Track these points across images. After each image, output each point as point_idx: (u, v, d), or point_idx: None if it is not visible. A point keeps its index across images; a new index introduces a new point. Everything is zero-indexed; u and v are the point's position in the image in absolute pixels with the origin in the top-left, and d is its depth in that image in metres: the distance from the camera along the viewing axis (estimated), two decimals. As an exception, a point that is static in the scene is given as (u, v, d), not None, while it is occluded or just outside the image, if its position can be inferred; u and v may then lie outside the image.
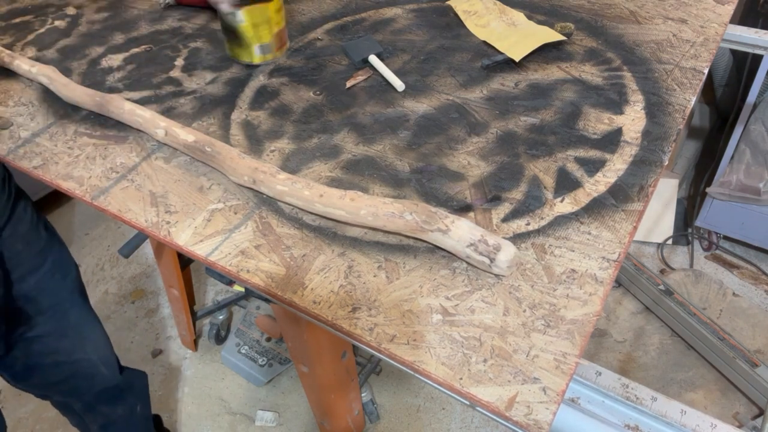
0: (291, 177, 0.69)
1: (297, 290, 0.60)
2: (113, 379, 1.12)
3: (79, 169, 0.77)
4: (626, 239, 0.62)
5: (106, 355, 1.10)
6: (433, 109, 0.82)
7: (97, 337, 1.08)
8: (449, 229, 0.60)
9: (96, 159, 0.79)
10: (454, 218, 0.60)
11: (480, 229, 0.59)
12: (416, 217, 0.61)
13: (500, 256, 0.57)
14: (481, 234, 0.58)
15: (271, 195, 0.70)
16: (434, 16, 1.01)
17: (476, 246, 0.58)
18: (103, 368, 1.09)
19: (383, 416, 1.53)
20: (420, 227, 0.61)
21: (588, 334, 0.54)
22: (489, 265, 0.58)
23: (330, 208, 0.65)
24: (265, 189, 0.70)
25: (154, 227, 0.68)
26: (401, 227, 0.62)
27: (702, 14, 0.94)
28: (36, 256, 0.95)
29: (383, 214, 0.63)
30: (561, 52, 0.90)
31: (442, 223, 0.60)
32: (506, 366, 0.52)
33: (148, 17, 1.09)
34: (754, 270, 1.83)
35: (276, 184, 0.68)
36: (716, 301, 1.71)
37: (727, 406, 1.48)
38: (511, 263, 0.58)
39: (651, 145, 0.73)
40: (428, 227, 0.60)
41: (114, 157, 0.79)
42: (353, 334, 0.56)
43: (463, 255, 0.60)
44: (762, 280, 1.79)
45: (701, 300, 1.71)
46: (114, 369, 1.12)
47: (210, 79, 0.91)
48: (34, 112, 0.88)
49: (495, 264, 0.58)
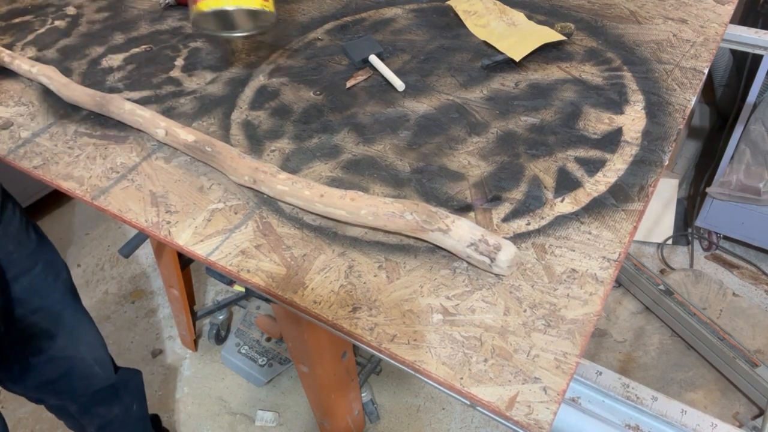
0: (291, 177, 0.69)
1: (297, 290, 0.60)
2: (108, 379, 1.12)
3: (79, 169, 0.77)
4: (626, 239, 0.62)
5: (100, 355, 1.10)
6: (434, 109, 0.82)
7: (91, 338, 1.09)
8: (450, 228, 0.60)
9: (96, 159, 0.79)
10: (455, 218, 0.60)
11: (480, 228, 0.59)
12: (417, 217, 0.61)
13: (501, 256, 0.57)
14: (481, 234, 0.58)
15: (272, 195, 0.70)
16: (434, 16, 1.01)
17: (477, 246, 0.58)
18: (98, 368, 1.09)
19: (383, 416, 1.53)
20: (420, 227, 0.61)
21: (588, 333, 0.54)
22: (489, 264, 0.58)
23: (330, 208, 0.65)
24: (265, 189, 0.70)
25: (155, 227, 0.68)
26: (402, 227, 0.62)
27: (702, 14, 0.94)
28: (27, 258, 0.95)
29: (384, 213, 0.62)
30: (561, 52, 0.90)
31: (442, 222, 0.60)
32: (507, 366, 0.52)
33: (148, 17, 1.09)
34: (754, 270, 1.83)
35: (276, 183, 0.68)
36: (716, 301, 1.71)
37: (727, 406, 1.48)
38: (511, 263, 0.58)
39: (651, 145, 0.73)
40: (429, 227, 0.60)
41: (114, 157, 0.79)
42: (353, 334, 0.56)
43: (464, 255, 0.60)
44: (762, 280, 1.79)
45: (701, 300, 1.71)
46: (109, 369, 1.12)
47: (210, 79, 0.91)
48: (34, 112, 0.88)
49: (495, 264, 0.58)
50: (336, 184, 0.71)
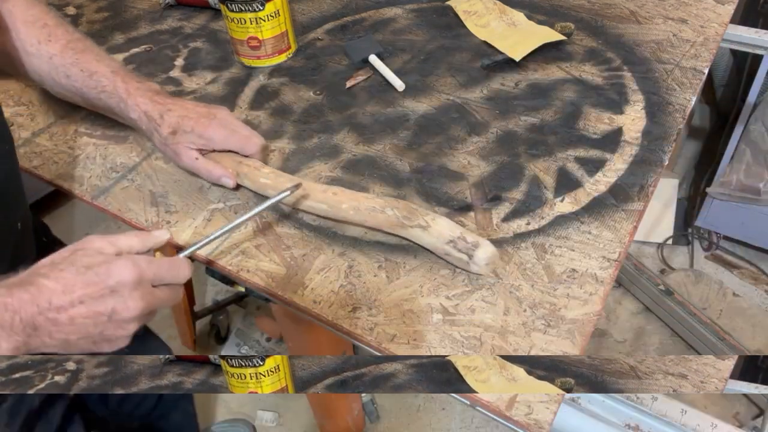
0: (275, 171, 0.69)
1: (297, 290, 0.60)
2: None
3: (79, 169, 0.77)
4: (626, 239, 0.62)
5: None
6: (433, 109, 0.82)
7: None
8: (429, 225, 0.60)
9: (96, 159, 0.79)
10: (435, 215, 0.61)
11: (459, 227, 0.60)
12: (397, 213, 0.61)
13: (478, 254, 0.57)
14: (460, 231, 0.59)
15: (254, 189, 0.70)
16: (434, 16, 1.01)
17: (455, 243, 0.58)
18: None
19: (383, 416, 1.53)
20: (401, 223, 0.61)
21: (588, 333, 0.54)
22: (467, 262, 0.58)
23: (312, 202, 0.65)
24: (248, 183, 0.70)
25: (155, 227, 0.68)
26: (382, 222, 0.62)
27: (702, 14, 0.94)
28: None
29: (365, 208, 0.63)
30: (561, 52, 0.90)
31: (422, 219, 0.60)
32: (507, 366, 0.52)
33: (148, 17, 1.09)
34: (754, 270, 1.83)
35: (260, 177, 0.68)
36: (716, 301, 1.71)
37: (727, 406, 1.48)
38: (489, 261, 0.58)
39: (651, 145, 0.73)
40: (408, 223, 0.61)
41: (114, 157, 0.79)
42: (353, 334, 0.56)
43: (442, 252, 0.60)
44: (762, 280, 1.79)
45: (701, 300, 1.71)
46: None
47: (210, 79, 0.91)
48: (34, 112, 0.88)
49: (473, 261, 0.57)
50: (336, 184, 0.71)
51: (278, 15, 0.86)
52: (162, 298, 0.53)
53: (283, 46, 0.91)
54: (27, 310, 0.46)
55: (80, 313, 0.47)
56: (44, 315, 0.46)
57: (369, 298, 0.59)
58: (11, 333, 0.45)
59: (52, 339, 0.48)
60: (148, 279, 0.51)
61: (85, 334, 0.48)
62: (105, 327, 0.49)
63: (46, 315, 0.47)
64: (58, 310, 0.47)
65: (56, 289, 0.47)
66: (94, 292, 0.48)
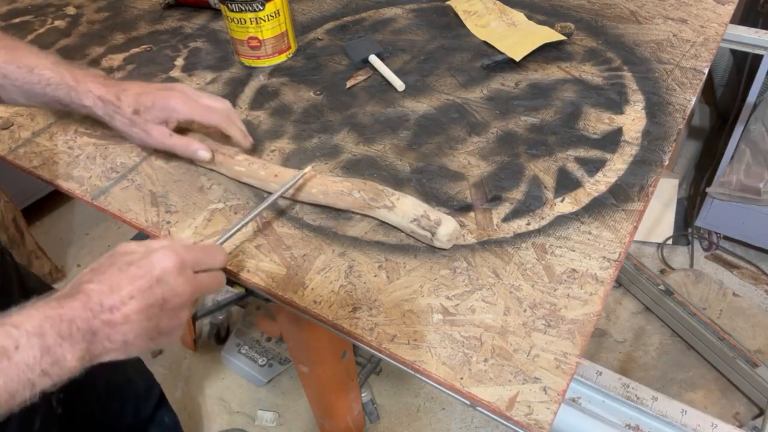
0: (249, 158, 0.71)
1: (297, 290, 0.60)
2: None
3: (79, 169, 0.77)
4: (626, 239, 0.62)
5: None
6: (434, 109, 0.82)
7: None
8: (394, 206, 0.63)
9: (96, 159, 0.79)
10: (400, 195, 0.64)
11: (424, 205, 0.63)
12: (364, 195, 0.64)
13: (441, 230, 0.60)
14: (424, 210, 0.62)
15: (231, 176, 0.72)
16: (434, 16, 1.01)
17: (419, 221, 0.61)
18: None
19: (383, 416, 1.53)
20: (368, 204, 0.64)
21: (588, 333, 0.54)
22: (431, 239, 0.61)
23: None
24: (224, 170, 0.72)
25: (155, 227, 0.68)
26: (350, 204, 0.65)
27: (702, 14, 0.94)
28: None
29: (333, 192, 0.66)
30: (561, 52, 0.90)
31: (388, 200, 0.63)
32: (507, 366, 0.52)
33: (148, 17, 1.09)
34: (754, 270, 1.83)
35: (234, 165, 0.71)
36: (716, 301, 1.71)
37: (727, 406, 1.48)
38: (451, 237, 0.61)
39: (651, 145, 0.73)
40: (375, 204, 0.63)
41: (114, 157, 0.79)
42: (354, 334, 0.56)
43: (408, 230, 0.63)
44: (762, 280, 1.79)
45: (701, 300, 1.71)
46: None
47: (210, 79, 0.91)
48: (34, 112, 0.88)
49: (436, 238, 0.60)
50: (336, 184, 0.71)
51: (278, 15, 0.86)
52: (204, 284, 0.53)
53: (283, 46, 0.91)
54: (81, 316, 0.45)
55: (133, 308, 0.47)
56: (99, 318, 0.46)
57: (369, 298, 0.59)
58: (73, 343, 0.44)
59: (111, 343, 0.47)
60: (189, 264, 0.51)
61: (141, 330, 0.48)
62: (159, 318, 0.49)
63: (101, 318, 0.46)
64: (111, 310, 0.46)
65: (104, 290, 0.47)
66: (141, 285, 0.48)
